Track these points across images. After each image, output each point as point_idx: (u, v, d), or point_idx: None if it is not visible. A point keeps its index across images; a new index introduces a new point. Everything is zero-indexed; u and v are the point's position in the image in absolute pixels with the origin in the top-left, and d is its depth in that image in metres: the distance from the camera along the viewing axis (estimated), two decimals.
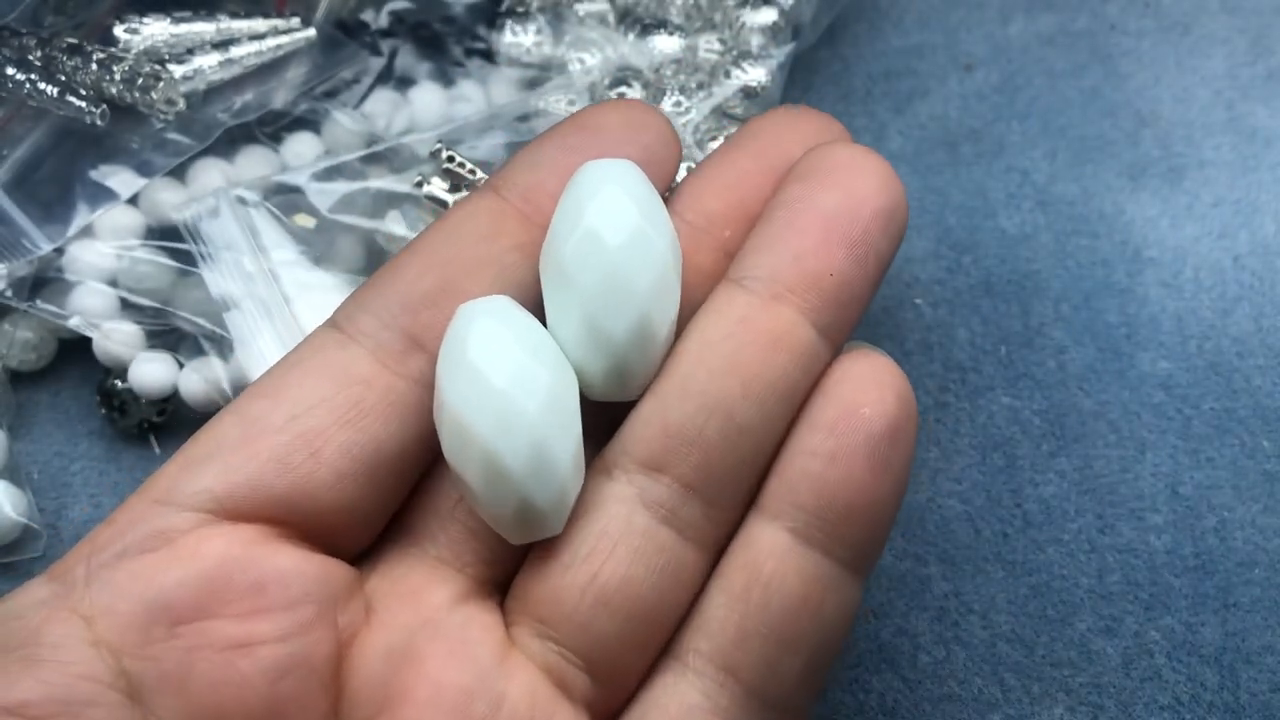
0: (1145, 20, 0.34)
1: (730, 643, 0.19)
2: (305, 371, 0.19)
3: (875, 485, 0.19)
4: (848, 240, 0.20)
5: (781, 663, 0.19)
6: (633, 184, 0.20)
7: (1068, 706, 0.25)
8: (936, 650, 0.26)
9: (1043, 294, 0.30)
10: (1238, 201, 0.31)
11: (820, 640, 0.20)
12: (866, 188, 0.20)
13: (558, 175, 0.21)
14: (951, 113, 0.33)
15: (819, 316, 0.20)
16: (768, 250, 0.20)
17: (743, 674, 0.19)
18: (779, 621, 0.19)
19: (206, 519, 0.18)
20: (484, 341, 0.18)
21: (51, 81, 0.28)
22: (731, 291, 0.20)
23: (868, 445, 0.19)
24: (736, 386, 0.19)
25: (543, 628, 0.19)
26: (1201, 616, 0.26)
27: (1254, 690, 0.25)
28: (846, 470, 0.19)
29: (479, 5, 0.33)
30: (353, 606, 0.19)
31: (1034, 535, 0.27)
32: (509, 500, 0.18)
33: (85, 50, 0.29)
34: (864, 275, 0.20)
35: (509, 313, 0.19)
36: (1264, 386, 0.29)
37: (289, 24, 0.31)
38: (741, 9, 0.31)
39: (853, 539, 0.19)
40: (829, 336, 0.20)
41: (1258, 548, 0.27)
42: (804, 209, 0.20)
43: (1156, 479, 0.28)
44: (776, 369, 0.19)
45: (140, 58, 0.29)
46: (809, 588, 0.19)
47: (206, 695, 0.17)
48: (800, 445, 0.19)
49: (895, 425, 0.19)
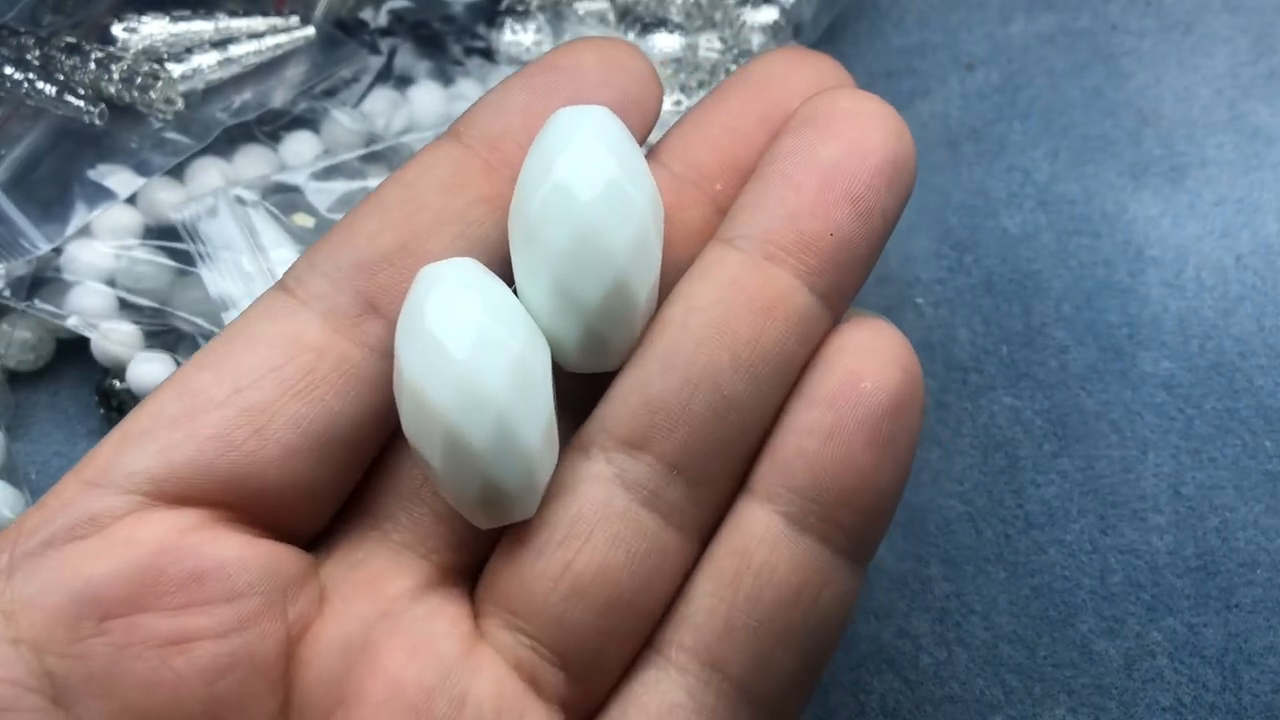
0: (1147, 19, 0.34)
1: (717, 636, 0.18)
2: (251, 339, 0.18)
3: (876, 466, 0.18)
4: (850, 196, 0.18)
5: (773, 659, 0.18)
6: (608, 132, 0.18)
7: (1069, 708, 0.25)
8: (938, 651, 0.26)
9: (1044, 294, 0.30)
10: (1240, 201, 0.31)
11: (815, 635, 0.18)
12: (871, 138, 0.18)
13: (527, 121, 0.19)
14: (953, 112, 0.33)
15: (817, 280, 0.18)
16: (762, 207, 0.18)
17: (730, 670, 0.18)
18: (770, 614, 0.18)
19: (142, 502, 0.17)
20: (446, 308, 0.17)
21: (50, 81, 0.28)
22: (722, 252, 0.18)
23: (869, 422, 0.18)
24: (726, 356, 0.18)
25: (513, 619, 0.18)
26: (1204, 617, 0.26)
27: (1256, 691, 0.25)
28: (845, 449, 0.18)
29: (478, 4, 0.33)
30: (305, 596, 0.17)
31: (1036, 536, 0.27)
32: (473, 482, 0.17)
33: (83, 49, 0.29)
34: (867, 234, 0.18)
35: (473, 276, 0.17)
36: (1266, 386, 0.29)
37: (288, 23, 0.31)
38: (742, 8, 0.31)
39: (851, 524, 0.18)
40: (828, 302, 0.18)
41: (1260, 548, 0.27)
42: (802, 161, 0.18)
43: (1158, 479, 0.27)
44: (770, 337, 0.18)
45: (139, 57, 0.29)
46: (803, 577, 0.18)
47: (137, 697, 0.16)
48: (795, 421, 0.18)
49: (899, 400, 0.18)
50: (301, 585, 0.17)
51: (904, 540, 0.27)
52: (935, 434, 0.28)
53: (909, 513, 0.27)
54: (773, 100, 0.20)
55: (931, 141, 0.32)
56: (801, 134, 0.19)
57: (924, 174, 0.32)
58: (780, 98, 0.20)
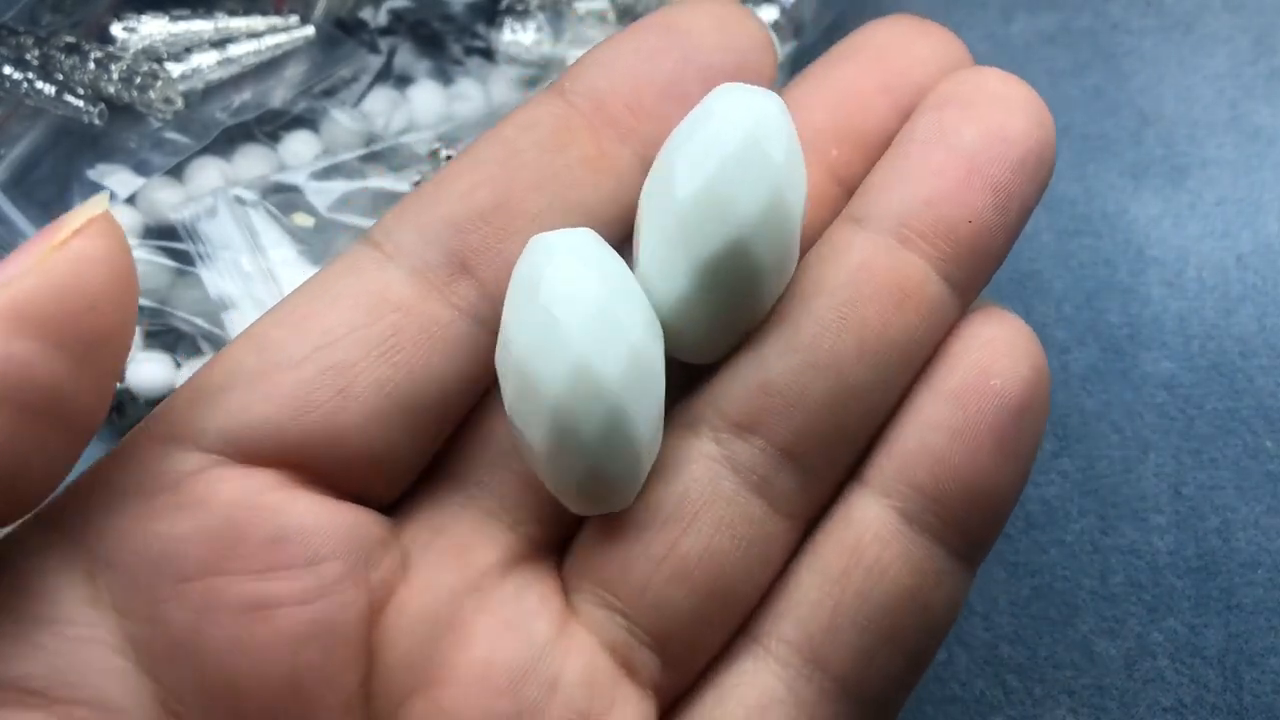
0: (1148, 19, 0.34)
1: (822, 631, 0.17)
2: (335, 295, 0.17)
3: (1000, 467, 0.17)
4: (993, 184, 0.17)
5: (878, 658, 0.17)
6: (778, 127, 0.16)
7: (1070, 708, 0.25)
8: (939, 652, 0.26)
9: (1045, 294, 0.30)
10: (1241, 201, 0.31)
11: (923, 636, 0.17)
12: (1017, 124, 0.18)
13: (634, 81, 0.18)
14: None
15: (952, 269, 0.17)
16: (897, 187, 0.17)
17: (833, 667, 0.17)
18: (879, 613, 0.17)
19: (218, 460, 0.16)
20: (562, 283, 0.16)
21: (49, 80, 0.28)
22: (850, 232, 0.17)
23: (997, 421, 0.17)
24: (852, 343, 0.17)
25: (610, 598, 0.17)
26: (1204, 618, 0.26)
27: (1257, 692, 0.25)
28: (971, 448, 0.17)
29: (478, 4, 0.32)
30: (387, 562, 0.16)
31: (1036, 536, 0.27)
32: (576, 469, 0.16)
33: (83, 49, 0.29)
34: (1005, 225, 0.17)
35: (593, 251, 0.16)
36: (1267, 387, 0.29)
37: (287, 22, 0.31)
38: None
39: (969, 526, 0.17)
40: (960, 292, 0.17)
41: (1261, 549, 0.27)
42: (943, 143, 0.17)
43: (1159, 479, 0.27)
44: (899, 326, 0.17)
45: (138, 56, 0.29)
46: (916, 578, 0.17)
47: (219, 665, 0.15)
48: (920, 416, 0.17)
49: (1028, 399, 0.17)
50: (384, 551, 0.17)
51: None
52: None
53: None
54: (894, 70, 0.19)
55: None
56: (943, 114, 0.18)
57: None
58: (902, 68, 0.19)
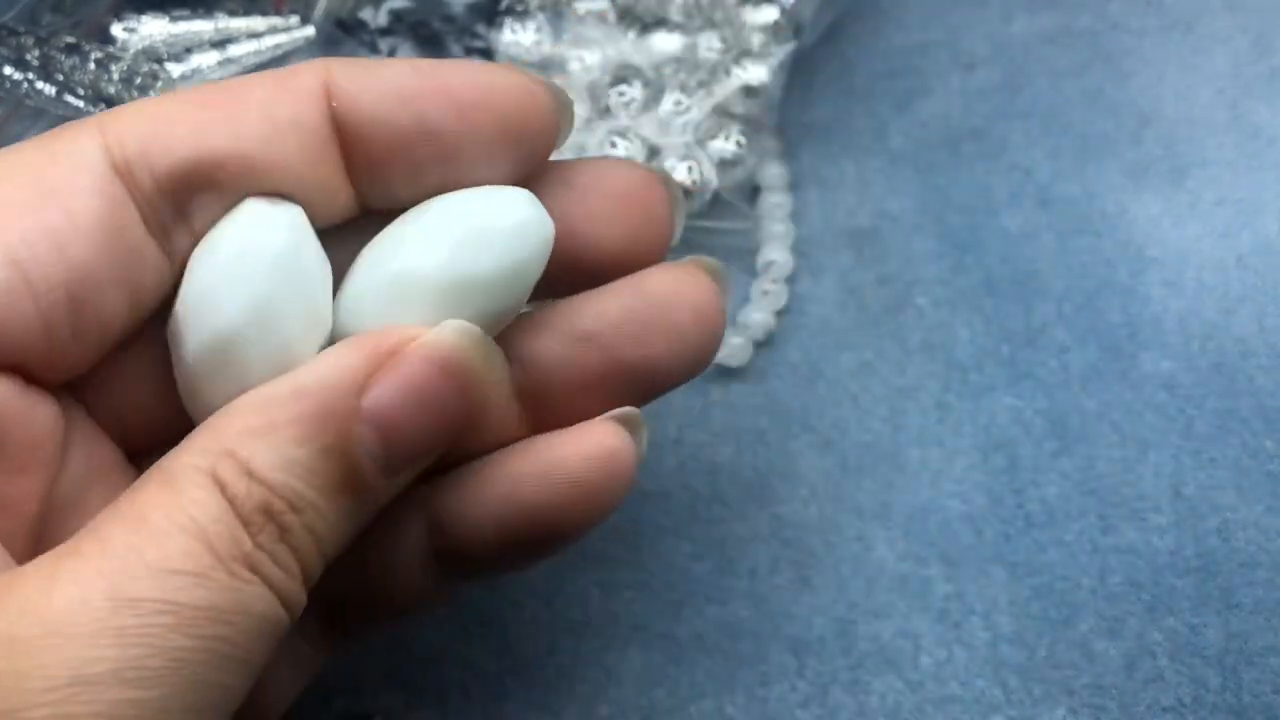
0: (1147, 19, 0.34)
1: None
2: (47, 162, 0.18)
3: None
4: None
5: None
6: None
7: (1070, 708, 0.25)
8: (938, 651, 0.26)
9: (1045, 293, 0.30)
10: (1240, 201, 0.31)
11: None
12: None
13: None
14: (953, 111, 0.33)
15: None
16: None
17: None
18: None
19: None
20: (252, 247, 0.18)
21: (49, 81, 0.28)
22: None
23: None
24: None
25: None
26: (1204, 618, 0.26)
27: (1257, 692, 0.25)
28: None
29: (478, 3, 0.33)
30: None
31: (1036, 536, 0.27)
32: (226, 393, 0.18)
33: (83, 49, 0.29)
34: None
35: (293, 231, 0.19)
36: (1267, 386, 0.29)
37: (288, 23, 0.31)
38: (742, 7, 0.31)
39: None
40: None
41: (1260, 549, 0.27)
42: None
43: (1159, 479, 0.27)
44: None
45: (138, 57, 0.29)
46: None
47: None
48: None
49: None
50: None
51: (904, 540, 0.27)
52: (935, 434, 0.28)
53: (909, 512, 0.27)
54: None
55: (932, 141, 0.32)
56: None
57: (924, 173, 0.32)
58: None
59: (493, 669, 0.25)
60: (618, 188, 0.21)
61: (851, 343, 0.29)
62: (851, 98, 0.33)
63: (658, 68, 0.31)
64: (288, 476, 0.17)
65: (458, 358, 0.18)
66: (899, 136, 0.33)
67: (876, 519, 0.27)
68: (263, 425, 0.17)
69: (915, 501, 0.27)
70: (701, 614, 0.26)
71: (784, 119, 0.32)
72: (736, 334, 0.29)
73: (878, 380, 0.29)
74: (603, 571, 0.26)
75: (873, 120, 0.33)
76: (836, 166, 0.32)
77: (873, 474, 0.28)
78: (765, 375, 0.29)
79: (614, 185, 0.21)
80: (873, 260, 0.31)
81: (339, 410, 0.17)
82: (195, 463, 0.17)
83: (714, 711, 0.25)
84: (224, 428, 0.17)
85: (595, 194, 0.21)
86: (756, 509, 0.27)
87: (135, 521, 0.16)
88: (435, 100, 0.19)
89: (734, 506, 0.27)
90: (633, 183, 0.21)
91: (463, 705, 0.25)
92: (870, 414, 0.28)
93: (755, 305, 0.29)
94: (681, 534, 0.27)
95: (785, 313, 0.30)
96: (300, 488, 0.17)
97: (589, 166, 0.21)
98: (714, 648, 0.26)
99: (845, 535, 0.27)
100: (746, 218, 0.30)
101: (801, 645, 0.26)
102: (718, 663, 0.25)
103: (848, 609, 0.26)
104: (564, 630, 0.26)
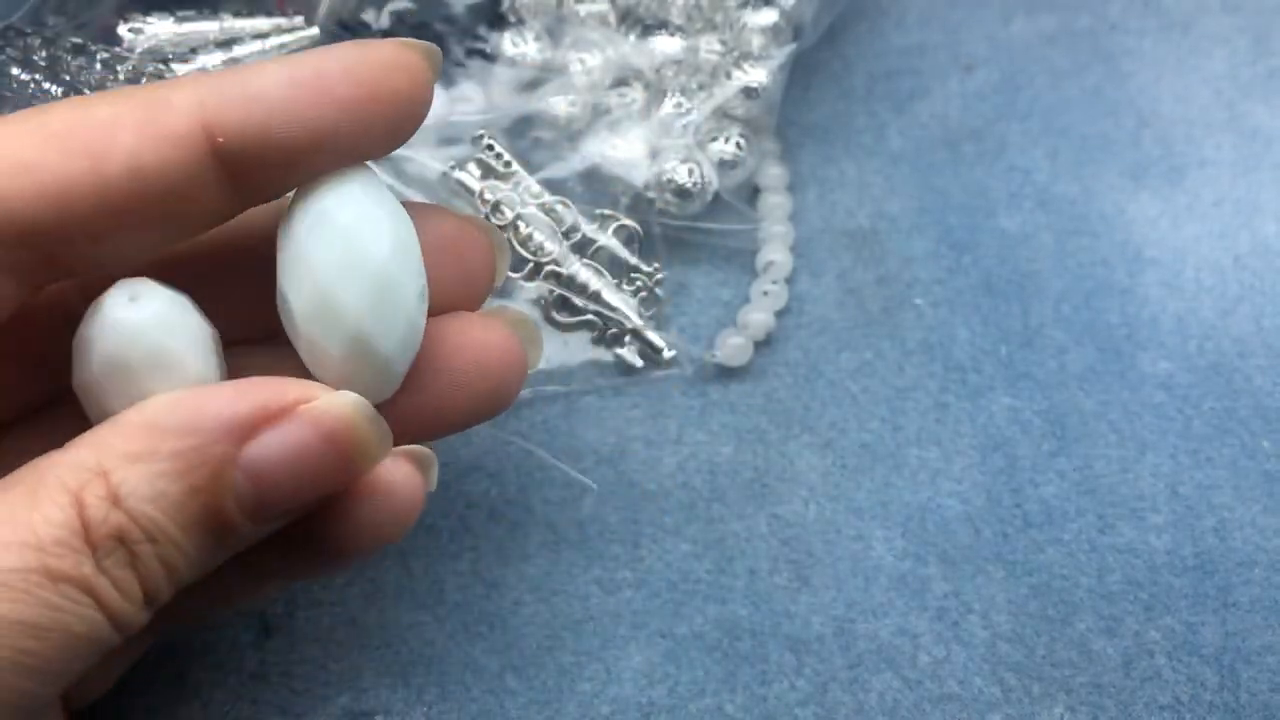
0: (1146, 19, 0.34)
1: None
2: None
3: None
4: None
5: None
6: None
7: (1068, 706, 0.25)
8: (937, 650, 0.26)
9: (1043, 294, 0.30)
10: (1238, 201, 0.31)
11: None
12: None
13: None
14: (952, 112, 0.33)
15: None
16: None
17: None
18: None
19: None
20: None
21: (56, 81, 0.28)
22: None
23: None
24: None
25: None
26: (1201, 616, 0.26)
27: (1254, 690, 0.25)
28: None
29: (480, 5, 0.33)
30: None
31: (1034, 535, 0.27)
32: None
33: (89, 50, 0.29)
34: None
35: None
36: (1264, 386, 0.29)
37: (292, 23, 0.31)
38: (742, 10, 0.31)
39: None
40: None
41: (1258, 548, 0.27)
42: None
43: (1157, 479, 0.28)
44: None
45: (144, 57, 0.29)
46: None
47: None
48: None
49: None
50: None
51: (902, 539, 0.27)
52: (934, 434, 0.28)
53: (908, 511, 0.27)
54: None
55: (931, 141, 0.32)
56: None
57: (923, 174, 0.32)
58: None
59: (493, 667, 0.25)
60: (436, 236, 0.21)
61: (850, 343, 0.29)
62: (851, 99, 0.33)
63: (658, 70, 0.31)
64: (153, 509, 0.17)
65: (345, 431, 0.19)
66: (898, 137, 0.33)
67: (875, 518, 0.27)
68: (143, 452, 0.17)
69: (914, 501, 0.27)
70: (701, 613, 0.26)
71: (784, 120, 0.32)
72: (736, 334, 0.29)
73: (876, 380, 0.29)
74: (603, 570, 0.27)
75: (872, 121, 0.33)
76: (836, 167, 0.32)
77: (871, 473, 0.28)
78: (765, 375, 0.29)
79: (433, 233, 0.21)
80: (872, 261, 0.31)
81: (218, 455, 0.18)
82: (64, 479, 0.17)
83: (713, 709, 0.25)
84: (107, 444, 0.18)
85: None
86: (756, 508, 0.27)
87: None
88: (318, 105, 0.19)
89: (733, 506, 0.27)
90: (451, 230, 0.22)
91: (464, 703, 0.25)
92: (869, 414, 0.29)
93: (755, 305, 0.30)
94: (681, 533, 0.27)
95: (784, 313, 0.30)
96: (162, 521, 0.18)
97: (413, 214, 0.21)
98: (713, 646, 0.26)
99: (844, 534, 0.27)
100: (746, 219, 0.31)
101: (800, 644, 0.26)
102: (717, 661, 0.26)
103: (846, 608, 0.26)
104: (564, 628, 0.26)
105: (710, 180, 0.30)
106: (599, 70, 0.31)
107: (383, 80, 0.19)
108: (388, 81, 0.19)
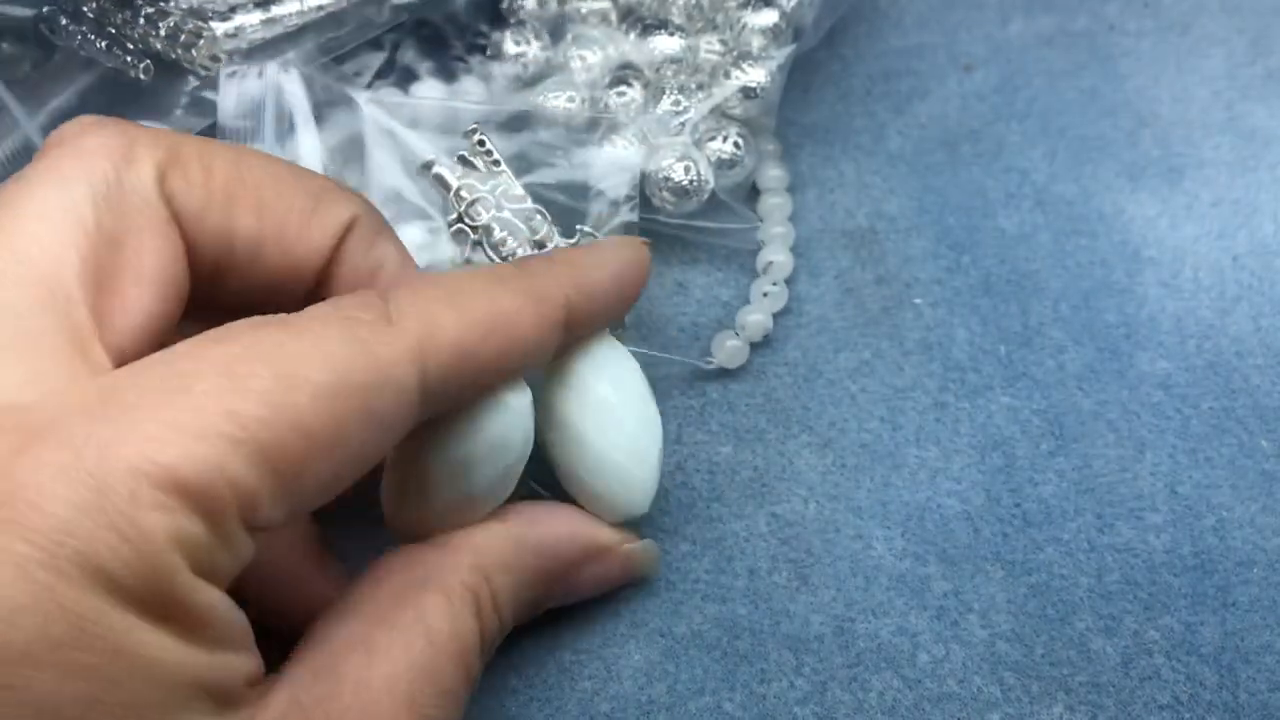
0: (1144, 20, 0.34)
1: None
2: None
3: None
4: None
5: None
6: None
7: (1067, 705, 0.25)
8: (936, 649, 0.26)
9: (1042, 294, 0.30)
10: (1236, 201, 0.31)
11: None
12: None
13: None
14: (951, 113, 0.33)
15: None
16: None
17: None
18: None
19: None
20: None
21: (101, 34, 0.28)
22: None
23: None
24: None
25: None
26: (1200, 616, 0.26)
27: (1253, 689, 0.25)
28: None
29: (481, 2, 0.33)
30: None
31: (1033, 535, 0.27)
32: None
33: (135, 4, 0.29)
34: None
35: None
36: (1263, 386, 0.29)
37: None
38: (743, 10, 0.31)
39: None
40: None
41: (1256, 547, 0.27)
42: None
43: (1155, 478, 0.28)
44: None
45: (185, 15, 0.29)
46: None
47: None
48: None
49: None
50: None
51: (902, 539, 0.27)
52: (933, 433, 0.28)
53: (907, 511, 0.27)
54: None
55: (930, 142, 0.33)
56: None
57: (922, 174, 0.32)
58: None
59: (494, 665, 0.25)
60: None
61: (849, 342, 0.29)
62: (850, 100, 0.33)
63: (658, 69, 0.31)
64: (510, 615, 0.23)
65: (639, 567, 0.26)
66: (897, 138, 0.33)
67: (874, 518, 0.27)
68: (513, 565, 0.23)
69: (913, 500, 0.27)
70: (701, 611, 0.26)
71: (783, 121, 0.32)
72: (732, 336, 0.29)
73: (876, 380, 0.29)
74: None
75: (871, 122, 0.33)
76: (835, 168, 0.32)
77: (871, 473, 0.28)
78: (764, 375, 0.29)
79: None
80: (871, 261, 0.31)
81: (560, 575, 0.24)
82: (465, 581, 0.22)
83: (713, 708, 0.25)
84: (486, 550, 0.23)
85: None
86: (755, 508, 0.27)
87: (421, 629, 0.21)
88: (621, 304, 0.24)
89: (732, 505, 0.27)
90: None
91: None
92: (868, 413, 0.29)
93: (755, 306, 0.30)
94: (681, 532, 0.27)
95: (784, 313, 0.30)
96: (510, 624, 0.23)
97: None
98: (713, 645, 0.26)
99: (843, 534, 0.27)
100: (746, 219, 0.31)
101: (800, 643, 0.26)
102: (716, 660, 0.25)
103: (846, 607, 0.26)
104: (564, 627, 0.26)
105: (707, 179, 0.30)
106: (598, 68, 0.31)
107: (643, 276, 0.25)
108: (644, 276, 0.25)
